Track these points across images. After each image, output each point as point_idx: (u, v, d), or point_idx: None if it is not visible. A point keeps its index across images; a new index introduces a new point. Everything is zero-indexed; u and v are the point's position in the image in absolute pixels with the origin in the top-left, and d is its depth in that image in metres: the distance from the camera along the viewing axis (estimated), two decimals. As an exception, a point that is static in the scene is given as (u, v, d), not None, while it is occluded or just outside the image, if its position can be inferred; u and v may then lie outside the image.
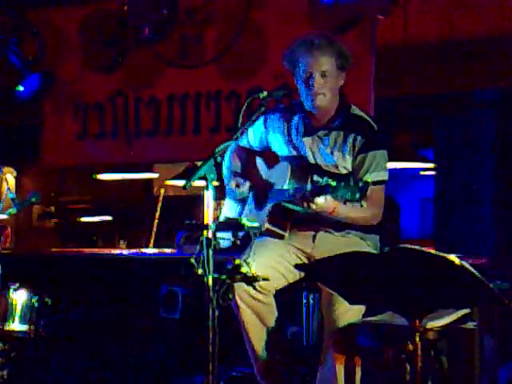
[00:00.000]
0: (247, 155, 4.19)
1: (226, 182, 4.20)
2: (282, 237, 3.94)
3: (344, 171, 3.85)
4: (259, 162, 4.16)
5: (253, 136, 4.14)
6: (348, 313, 3.68)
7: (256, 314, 3.86)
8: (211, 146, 3.47)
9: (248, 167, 4.18)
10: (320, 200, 3.55)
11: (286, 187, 3.83)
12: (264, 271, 3.67)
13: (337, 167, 3.87)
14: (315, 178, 3.84)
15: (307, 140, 3.93)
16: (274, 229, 3.91)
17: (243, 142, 4.19)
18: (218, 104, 5.80)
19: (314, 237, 3.94)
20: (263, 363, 3.92)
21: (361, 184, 3.34)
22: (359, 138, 3.83)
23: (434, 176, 6.76)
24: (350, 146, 3.84)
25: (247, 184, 4.08)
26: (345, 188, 3.35)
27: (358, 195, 3.34)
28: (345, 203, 3.64)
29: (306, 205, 3.60)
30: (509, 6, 5.06)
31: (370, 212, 3.82)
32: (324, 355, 3.79)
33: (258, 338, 3.90)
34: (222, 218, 4.08)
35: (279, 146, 4.03)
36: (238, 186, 4.10)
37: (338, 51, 3.84)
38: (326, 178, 3.50)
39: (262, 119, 4.07)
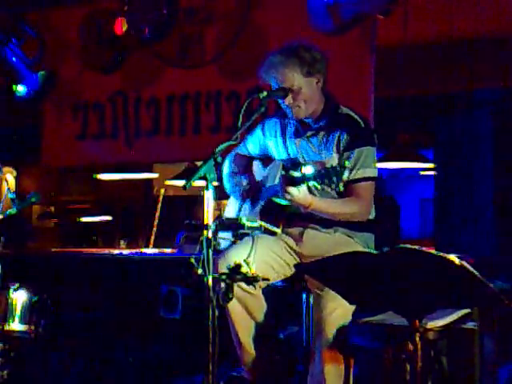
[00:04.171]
0: (246, 162, 4.22)
1: (227, 187, 4.20)
2: (274, 233, 3.95)
3: None
4: (257, 163, 4.19)
5: (252, 144, 4.17)
6: (335, 312, 3.66)
7: (243, 305, 3.84)
8: (211, 146, 3.46)
9: (246, 172, 4.20)
10: (293, 190, 3.57)
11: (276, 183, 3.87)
12: (257, 265, 3.67)
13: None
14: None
15: (297, 141, 3.96)
16: (267, 226, 3.91)
17: (243, 151, 4.21)
18: (217, 104, 5.79)
19: (302, 234, 3.94)
20: (249, 357, 3.90)
21: (338, 168, 3.34)
22: (344, 135, 3.82)
23: (433, 176, 6.77)
24: (335, 143, 3.84)
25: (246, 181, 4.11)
26: (321, 174, 3.37)
27: (334, 178, 3.35)
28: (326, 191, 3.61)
29: (283, 196, 3.62)
30: (509, 5, 5.05)
31: (355, 208, 3.82)
32: (313, 355, 3.77)
33: (244, 330, 3.88)
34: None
35: (276, 150, 4.05)
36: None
37: (299, 61, 3.80)
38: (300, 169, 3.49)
39: (259, 127, 4.11)
